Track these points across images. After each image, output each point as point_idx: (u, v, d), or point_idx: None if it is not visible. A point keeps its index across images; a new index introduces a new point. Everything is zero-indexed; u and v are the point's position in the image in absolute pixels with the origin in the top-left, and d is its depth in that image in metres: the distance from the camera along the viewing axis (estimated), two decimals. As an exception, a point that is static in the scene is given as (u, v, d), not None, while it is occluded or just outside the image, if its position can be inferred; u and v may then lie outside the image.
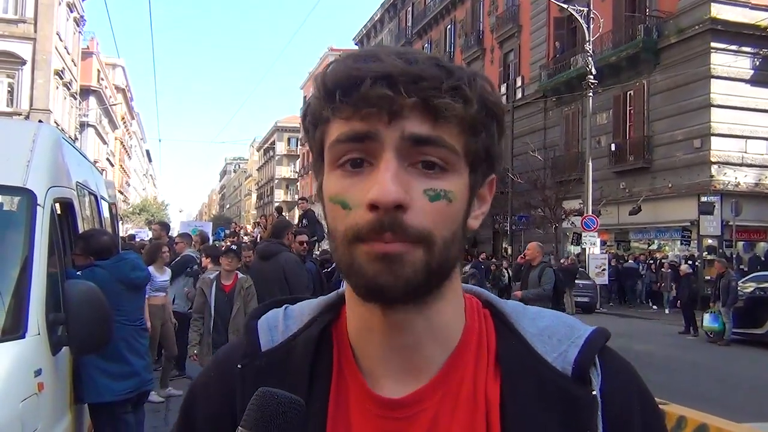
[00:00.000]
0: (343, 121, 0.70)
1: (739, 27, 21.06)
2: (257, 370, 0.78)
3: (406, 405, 0.75)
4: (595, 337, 0.78)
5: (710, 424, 3.33)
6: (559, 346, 0.77)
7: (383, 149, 0.69)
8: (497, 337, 0.79)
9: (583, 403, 0.73)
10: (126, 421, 4.13)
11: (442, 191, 0.70)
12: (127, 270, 4.17)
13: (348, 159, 0.71)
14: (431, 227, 0.69)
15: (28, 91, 30.59)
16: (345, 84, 0.69)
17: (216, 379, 0.83)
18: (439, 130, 0.69)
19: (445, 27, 40.37)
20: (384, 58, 0.69)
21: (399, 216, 0.67)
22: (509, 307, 0.83)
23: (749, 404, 8.02)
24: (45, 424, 2.98)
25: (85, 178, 5.33)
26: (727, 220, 20.29)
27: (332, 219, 0.73)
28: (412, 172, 0.69)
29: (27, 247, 3.24)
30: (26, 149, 3.62)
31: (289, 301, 0.88)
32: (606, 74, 23.56)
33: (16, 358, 2.88)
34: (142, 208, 64.72)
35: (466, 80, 0.70)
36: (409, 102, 0.67)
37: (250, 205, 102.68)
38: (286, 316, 0.84)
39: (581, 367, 0.75)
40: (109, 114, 52.93)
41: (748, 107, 21.17)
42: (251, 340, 0.82)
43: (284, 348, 0.80)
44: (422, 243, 0.69)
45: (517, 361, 0.76)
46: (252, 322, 0.84)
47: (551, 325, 0.80)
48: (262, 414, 0.66)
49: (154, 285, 7.42)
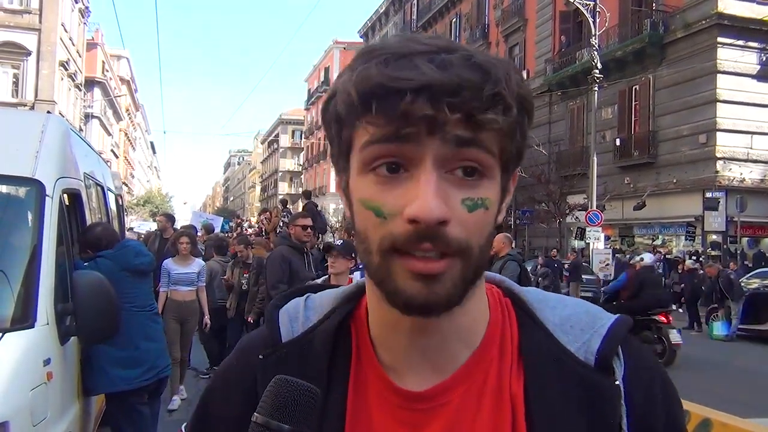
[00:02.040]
0: (375, 128, 0.67)
1: (746, 22, 20.95)
2: (278, 361, 0.79)
3: (428, 397, 0.75)
4: (617, 326, 0.77)
5: (714, 419, 3.33)
6: (582, 335, 0.77)
7: (422, 157, 0.66)
8: (520, 328, 0.79)
9: (607, 394, 0.73)
10: (140, 411, 4.11)
11: (480, 200, 0.68)
12: (130, 257, 4.17)
13: (383, 163, 0.68)
14: (469, 238, 0.68)
15: (33, 82, 30.64)
16: (381, 95, 0.65)
17: (238, 369, 0.84)
18: (480, 136, 0.67)
19: (450, 20, 40.23)
20: (420, 64, 0.65)
21: (441, 229, 0.66)
22: (531, 295, 0.83)
23: (753, 399, 8.02)
24: (54, 413, 3.01)
25: (92, 169, 5.35)
26: (731, 216, 20.25)
27: (363, 224, 0.71)
28: (450, 180, 0.67)
29: (36, 238, 3.26)
30: (35, 140, 3.63)
31: (313, 289, 0.89)
32: (611, 69, 23.46)
33: (26, 347, 2.90)
34: (146, 199, 64.79)
35: (504, 83, 0.67)
36: (452, 118, 0.65)
37: (254, 198, 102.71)
38: (306, 307, 0.84)
39: (604, 357, 0.75)
40: (113, 105, 52.96)
41: (754, 103, 21.07)
42: (272, 331, 0.83)
43: (304, 339, 0.81)
44: (461, 255, 0.68)
45: (541, 353, 0.76)
46: (274, 313, 0.85)
47: (573, 314, 0.79)
48: (278, 401, 0.68)
49: (172, 278, 7.11)
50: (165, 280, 7.11)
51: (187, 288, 7.15)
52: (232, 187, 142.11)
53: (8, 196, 3.60)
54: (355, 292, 0.85)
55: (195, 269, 7.27)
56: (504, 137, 0.69)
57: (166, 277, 7.11)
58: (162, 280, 7.09)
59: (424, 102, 0.64)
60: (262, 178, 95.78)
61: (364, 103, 0.66)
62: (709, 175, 21.01)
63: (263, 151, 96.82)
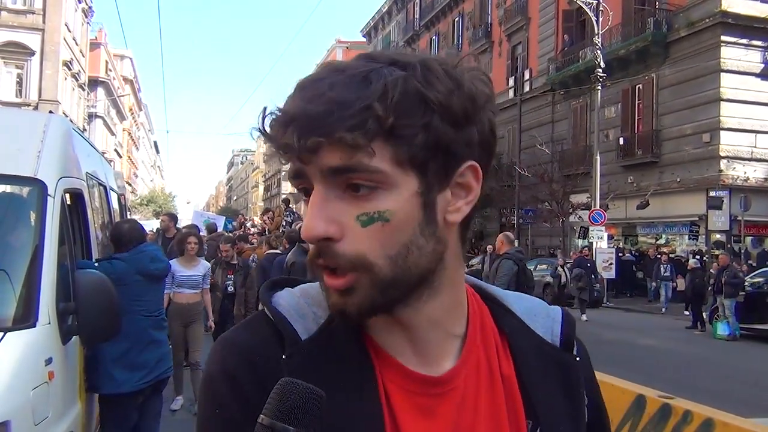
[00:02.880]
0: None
1: (750, 20, 20.88)
2: (303, 361, 0.77)
3: (443, 382, 0.80)
4: (567, 315, 0.92)
5: (716, 418, 3.33)
6: (544, 322, 0.90)
7: (313, 182, 0.73)
8: (494, 317, 0.88)
9: (573, 368, 0.88)
10: (127, 414, 4.14)
11: (376, 213, 0.71)
12: (146, 261, 4.20)
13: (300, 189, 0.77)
14: (366, 252, 0.72)
15: (37, 82, 30.73)
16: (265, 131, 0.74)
17: (246, 370, 0.77)
18: (354, 156, 0.69)
19: (452, 19, 40.19)
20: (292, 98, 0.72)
21: (330, 246, 0.72)
22: (495, 290, 0.93)
23: (756, 399, 8.00)
24: (55, 412, 3.01)
25: (95, 168, 5.35)
26: (735, 215, 20.18)
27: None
28: (345, 198, 0.72)
29: (38, 237, 3.26)
30: (37, 140, 3.64)
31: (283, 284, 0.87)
32: (615, 68, 23.42)
33: (27, 346, 2.91)
34: (150, 199, 64.84)
35: (380, 91, 0.69)
36: (311, 143, 0.69)
37: (257, 197, 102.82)
38: (307, 303, 0.82)
39: (567, 339, 0.89)
40: (117, 105, 53.07)
41: (758, 101, 21.00)
42: (288, 328, 0.79)
43: (324, 335, 0.79)
44: (361, 269, 0.72)
45: (522, 338, 0.87)
46: (278, 311, 0.81)
47: (533, 305, 0.92)
48: (284, 403, 0.67)
49: (176, 280, 6.79)
50: (169, 281, 6.70)
51: (191, 291, 6.91)
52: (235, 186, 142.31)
53: (10, 196, 3.60)
54: None
55: (200, 272, 7.01)
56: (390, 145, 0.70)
57: (170, 279, 6.74)
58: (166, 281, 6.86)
59: (290, 133, 0.70)
60: (265, 178, 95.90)
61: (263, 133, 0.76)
62: (713, 174, 20.96)
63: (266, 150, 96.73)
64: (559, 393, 0.85)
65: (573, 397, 0.86)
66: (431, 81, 0.72)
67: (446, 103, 0.72)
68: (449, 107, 0.72)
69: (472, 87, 0.75)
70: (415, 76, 0.71)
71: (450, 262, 0.79)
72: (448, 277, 0.79)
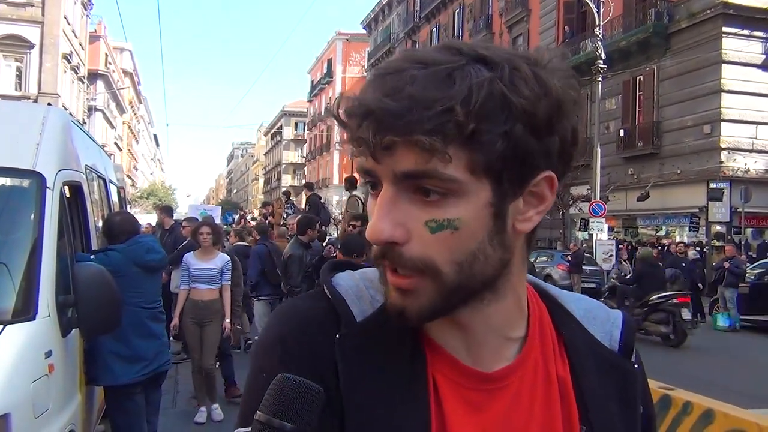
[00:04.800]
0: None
1: (752, 11, 20.82)
2: (357, 341, 0.77)
3: (496, 379, 0.79)
4: (629, 320, 0.89)
5: (716, 409, 3.33)
6: (603, 326, 0.87)
7: (382, 181, 0.71)
8: (553, 318, 0.86)
9: (630, 376, 0.86)
10: (134, 401, 4.17)
11: (446, 221, 0.69)
12: (142, 252, 4.19)
13: (367, 182, 0.74)
14: (434, 257, 0.70)
15: (36, 75, 30.66)
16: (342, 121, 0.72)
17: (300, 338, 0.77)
18: (429, 161, 0.67)
19: (453, 11, 40.08)
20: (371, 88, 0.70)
21: (395, 249, 0.70)
22: (554, 289, 0.91)
23: (756, 390, 8.01)
24: (55, 404, 3.01)
25: (94, 161, 5.34)
26: (735, 207, 20.17)
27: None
28: (414, 201, 0.70)
29: (37, 230, 3.26)
30: (35, 132, 3.63)
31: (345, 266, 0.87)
32: (615, 59, 23.35)
33: (27, 339, 2.91)
34: (150, 192, 64.87)
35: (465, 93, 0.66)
36: (387, 141, 0.67)
37: (257, 190, 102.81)
38: (366, 286, 0.82)
39: (627, 345, 0.87)
40: (116, 98, 53.01)
41: (759, 93, 20.95)
42: (344, 309, 0.79)
43: (379, 319, 0.78)
44: (426, 274, 0.70)
45: (579, 341, 0.85)
46: (335, 290, 0.81)
47: (592, 307, 0.90)
48: (281, 399, 0.67)
49: (191, 274, 6.30)
50: (185, 276, 6.35)
51: (206, 286, 6.29)
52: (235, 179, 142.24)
53: (9, 189, 3.59)
54: None
55: (217, 265, 6.34)
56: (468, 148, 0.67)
57: (185, 273, 6.34)
58: (182, 276, 6.43)
59: (367, 127, 0.68)
60: (265, 171, 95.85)
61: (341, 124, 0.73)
62: (714, 165, 20.93)
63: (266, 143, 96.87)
64: (615, 400, 0.83)
65: (629, 405, 0.84)
66: (518, 85, 0.68)
67: (531, 110, 0.68)
68: (533, 115, 0.68)
69: (560, 92, 0.71)
70: (502, 79, 0.68)
71: (515, 269, 0.77)
72: (512, 282, 0.78)
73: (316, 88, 69.46)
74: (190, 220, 10.19)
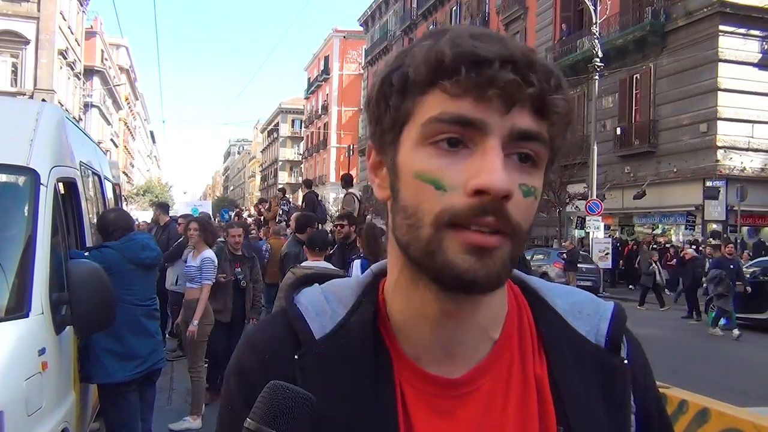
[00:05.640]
0: (448, 97, 0.67)
1: (748, 10, 20.84)
2: (316, 359, 0.75)
3: (462, 383, 0.76)
4: (619, 312, 0.85)
5: (712, 408, 3.33)
6: (590, 320, 0.83)
7: (488, 136, 0.67)
8: (534, 313, 0.83)
9: (619, 372, 0.80)
10: (128, 399, 4.16)
11: (533, 187, 0.70)
12: (136, 250, 4.18)
13: (445, 138, 0.68)
14: (521, 221, 0.69)
15: (32, 71, 30.53)
16: (470, 61, 0.66)
17: (257, 367, 0.77)
18: (541, 125, 0.69)
19: (450, 8, 40.04)
20: (506, 42, 0.68)
21: (503, 206, 0.66)
22: (538, 282, 0.87)
23: (752, 388, 8.03)
24: (49, 402, 3.00)
25: (89, 158, 5.32)
26: (732, 205, 20.23)
27: (416, 197, 0.69)
28: (509, 163, 0.68)
29: (30, 227, 3.24)
30: (29, 128, 3.61)
31: (317, 278, 0.86)
32: (612, 57, 23.36)
33: (20, 337, 2.89)
34: (146, 189, 64.67)
35: (558, 75, 0.70)
36: (528, 93, 0.66)
37: (254, 187, 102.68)
38: (326, 300, 0.80)
39: (614, 339, 0.82)
40: (113, 94, 52.82)
41: (755, 91, 21.00)
42: (303, 327, 0.77)
43: (339, 334, 0.77)
44: (513, 235, 0.69)
45: (559, 337, 0.81)
46: (295, 309, 0.79)
47: (580, 300, 0.85)
48: (272, 408, 0.66)
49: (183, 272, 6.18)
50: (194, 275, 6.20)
51: (190, 285, 6.17)
52: (232, 176, 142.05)
53: (2, 185, 3.57)
54: (371, 281, 0.83)
55: (198, 263, 6.12)
56: (558, 129, 0.71)
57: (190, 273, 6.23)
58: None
59: (509, 71, 0.66)
60: (262, 168, 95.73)
61: (455, 65, 0.66)
62: (710, 164, 20.97)
63: (263, 141, 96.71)
64: (599, 398, 0.78)
65: (616, 404, 0.78)
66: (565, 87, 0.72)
67: (569, 111, 0.72)
68: (569, 116, 0.72)
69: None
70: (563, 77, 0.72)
71: None
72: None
73: (312, 85, 69.35)
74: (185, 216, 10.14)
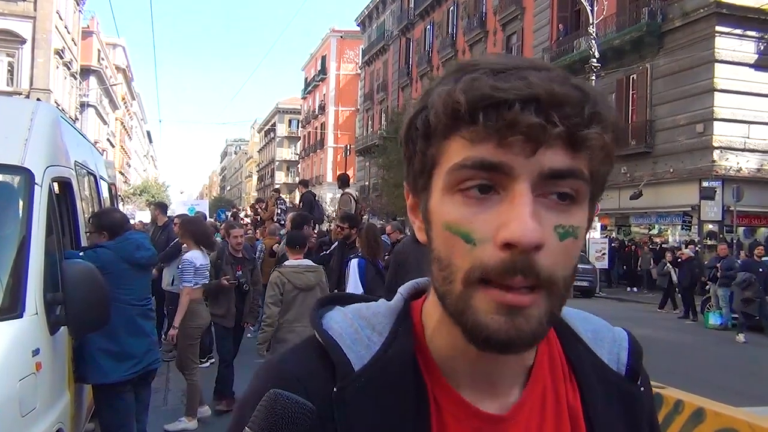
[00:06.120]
0: (468, 142, 0.63)
1: (745, 11, 20.87)
2: (356, 392, 0.70)
3: (509, 419, 0.74)
4: (634, 340, 0.86)
5: (707, 407, 3.33)
6: (611, 348, 0.84)
7: (516, 180, 0.62)
8: (561, 341, 0.82)
9: (637, 400, 0.82)
10: (124, 399, 4.15)
11: (571, 227, 0.65)
12: (131, 249, 4.17)
13: (475, 185, 0.64)
14: (556, 269, 0.64)
15: (29, 71, 30.45)
16: (488, 104, 0.62)
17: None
18: (576, 161, 0.63)
19: (447, 8, 40.04)
20: (527, 75, 0.62)
21: (534, 257, 0.61)
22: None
23: (747, 388, 8.05)
24: (43, 403, 2.98)
25: (84, 157, 5.30)
26: (728, 206, 20.25)
27: (448, 250, 0.66)
28: (543, 203, 0.63)
29: (25, 227, 3.23)
30: (24, 128, 3.59)
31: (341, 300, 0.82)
32: (609, 58, 23.38)
33: (14, 337, 2.88)
34: (143, 189, 64.54)
35: (600, 104, 0.64)
36: (555, 132, 0.61)
37: (250, 187, 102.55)
38: (360, 327, 0.75)
39: (634, 369, 0.83)
40: (109, 94, 52.71)
41: (751, 92, 21.02)
42: (341, 358, 0.72)
43: (377, 365, 0.72)
44: (546, 288, 0.63)
45: (587, 365, 0.81)
46: (328, 336, 0.74)
47: (598, 328, 0.86)
48: (272, 418, 0.64)
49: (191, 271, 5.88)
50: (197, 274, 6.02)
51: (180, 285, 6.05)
52: (229, 176, 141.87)
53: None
54: (404, 308, 0.79)
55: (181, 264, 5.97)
56: (597, 161, 0.66)
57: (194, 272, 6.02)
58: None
59: (531, 113, 0.61)
60: (259, 168, 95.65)
61: (472, 111, 0.62)
62: (706, 164, 21.00)
63: (260, 140, 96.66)
64: (623, 426, 0.79)
65: (630, 429, 0.80)
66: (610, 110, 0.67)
67: (615, 139, 0.67)
68: (613, 144, 0.67)
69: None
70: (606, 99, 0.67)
71: None
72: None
73: (310, 85, 69.34)
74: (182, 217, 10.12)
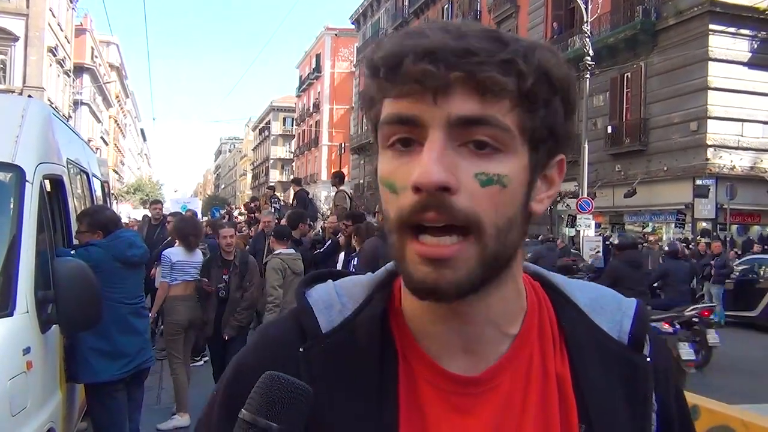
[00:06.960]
0: (391, 100, 0.67)
1: (738, 9, 20.92)
2: (322, 353, 0.75)
3: (482, 381, 0.75)
4: (642, 309, 0.83)
5: (701, 405, 3.33)
6: (613, 316, 0.82)
7: (429, 129, 0.65)
8: (555, 309, 0.81)
9: (641, 369, 0.79)
10: (115, 398, 4.13)
11: (495, 176, 0.66)
12: (123, 248, 4.14)
13: (397, 139, 0.68)
14: (481, 213, 0.66)
15: (21, 68, 30.31)
16: (389, 61, 0.66)
17: (270, 361, 0.73)
18: (489, 108, 0.65)
19: (442, 6, 40.02)
20: (430, 34, 0.66)
21: (446, 197, 0.64)
22: (559, 278, 0.86)
23: (741, 386, 8.07)
24: (34, 402, 2.96)
25: (77, 155, 5.27)
26: (721, 204, 20.31)
27: (384, 203, 0.70)
28: (462, 153, 0.66)
29: (15, 224, 3.21)
30: (15, 125, 3.57)
31: (332, 276, 0.84)
32: (603, 56, 23.41)
33: (4, 335, 2.86)
34: (136, 187, 64.42)
35: (522, 52, 0.66)
36: (453, 77, 0.63)
37: (245, 186, 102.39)
38: (338, 294, 0.79)
39: (637, 337, 0.81)
40: (103, 92, 52.51)
41: (745, 90, 21.08)
42: (310, 321, 0.77)
43: (346, 328, 0.76)
44: (472, 232, 0.66)
45: (581, 333, 0.80)
46: (305, 301, 0.79)
47: (600, 296, 0.84)
48: (268, 398, 0.65)
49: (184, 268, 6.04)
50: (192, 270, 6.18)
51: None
52: (223, 174, 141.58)
53: (-13, 182, 3.53)
54: (386, 278, 0.82)
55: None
56: (521, 108, 0.67)
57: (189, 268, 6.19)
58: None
59: (424, 62, 0.64)
60: (253, 166, 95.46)
61: (375, 71, 0.68)
62: (700, 162, 21.06)
63: (254, 139, 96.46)
64: (621, 396, 0.77)
65: (637, 402, 0.78)
66: (557, 62, 0.70)
67: (566, 87, 0.71)
68: (568, 93, 0.71)
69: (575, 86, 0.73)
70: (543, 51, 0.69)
71: (520, 253, 0.75)
72: (512, 269, 0.75)
73: (304, 83, 69.17)
74: (174, 215, 10.10)
